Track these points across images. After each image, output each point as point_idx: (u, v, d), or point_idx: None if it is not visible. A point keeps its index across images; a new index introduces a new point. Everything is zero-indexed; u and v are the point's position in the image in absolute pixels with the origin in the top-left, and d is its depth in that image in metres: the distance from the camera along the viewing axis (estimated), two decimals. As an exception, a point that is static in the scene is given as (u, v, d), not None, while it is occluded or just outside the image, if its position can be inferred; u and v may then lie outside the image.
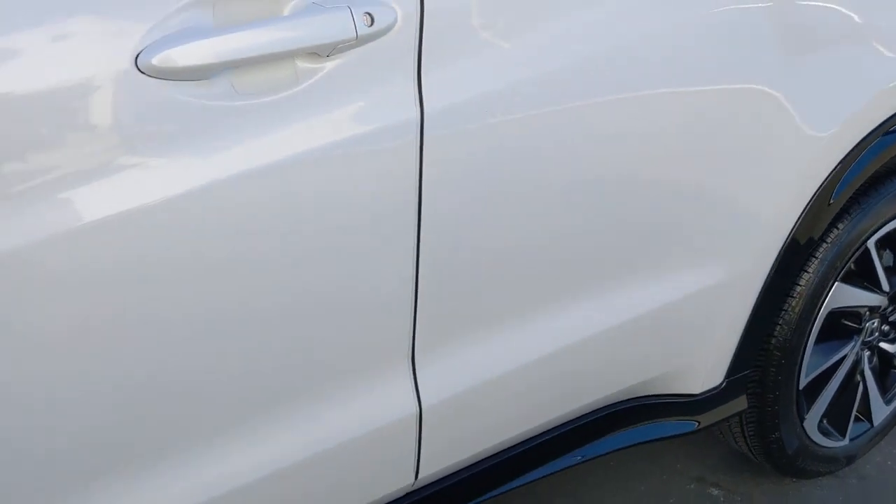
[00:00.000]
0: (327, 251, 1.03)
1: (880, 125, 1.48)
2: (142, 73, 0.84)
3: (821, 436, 1.81)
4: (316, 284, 1.04)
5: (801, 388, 1.70)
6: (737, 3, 1.28)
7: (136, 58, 0.84)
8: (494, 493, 1.40)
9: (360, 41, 0.93)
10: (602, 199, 1.25)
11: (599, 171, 1.21)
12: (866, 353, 1.78)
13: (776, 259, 1.49)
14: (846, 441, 1.84)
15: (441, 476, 1.33)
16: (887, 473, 1.94)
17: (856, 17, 1.42)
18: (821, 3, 1.37)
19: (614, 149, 1.22)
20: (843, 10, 1.40)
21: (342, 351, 1.12)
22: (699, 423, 1.61)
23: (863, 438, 1.88)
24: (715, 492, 1.90)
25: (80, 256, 0.88)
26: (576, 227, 1.24)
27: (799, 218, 1.47)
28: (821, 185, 1.47)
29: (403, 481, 1.27)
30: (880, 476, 1.93)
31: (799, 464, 1.81)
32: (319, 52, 0.93)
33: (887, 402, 1.86)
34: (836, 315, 1.68)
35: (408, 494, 1.32)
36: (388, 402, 1.18)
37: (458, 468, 1.34)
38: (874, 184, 1.60)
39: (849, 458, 1.89)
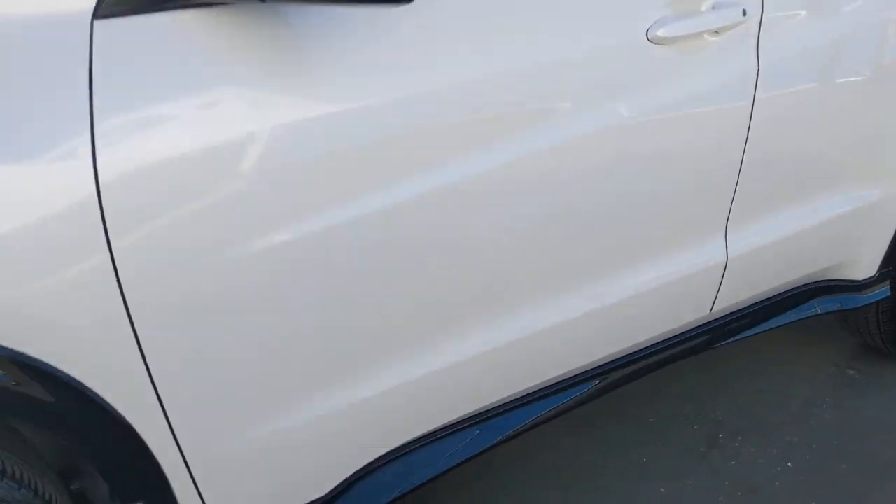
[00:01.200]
0: (697, 146, 1.74)
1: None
2: (649, 41, 1.56)
3: (933, 327, 2.51)
4: (685, 173, 1.75)
5: (923, 285, 2.41)
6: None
7: (647, 32, 1.56)
8: (748, 333, 2.11)
9: (736, 24, 1.67)
10: (828, 136, 1.98)
11: (837, 115, 1.95)
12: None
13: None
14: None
15: (723, 314, 2.04)
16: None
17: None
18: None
19: (843, 113, 1.96)
20: None
21: (694, 220, 1.82)
22: (860, 302, 2.30)
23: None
24: (851, 372, 2.56)
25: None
26: (820, 154, 1.97)
27: None
28: None
29: (703, 311, 1.97)
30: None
31: (917, 347, 2.50)
32: (718, 31, 1.66)
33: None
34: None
35: (700, 325, 2.03)
36: (707, 254, 1.88)
37: (732, 310, 2.05)
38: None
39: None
